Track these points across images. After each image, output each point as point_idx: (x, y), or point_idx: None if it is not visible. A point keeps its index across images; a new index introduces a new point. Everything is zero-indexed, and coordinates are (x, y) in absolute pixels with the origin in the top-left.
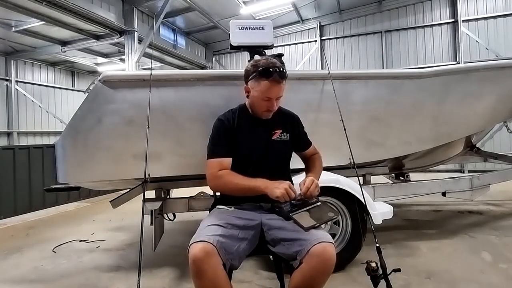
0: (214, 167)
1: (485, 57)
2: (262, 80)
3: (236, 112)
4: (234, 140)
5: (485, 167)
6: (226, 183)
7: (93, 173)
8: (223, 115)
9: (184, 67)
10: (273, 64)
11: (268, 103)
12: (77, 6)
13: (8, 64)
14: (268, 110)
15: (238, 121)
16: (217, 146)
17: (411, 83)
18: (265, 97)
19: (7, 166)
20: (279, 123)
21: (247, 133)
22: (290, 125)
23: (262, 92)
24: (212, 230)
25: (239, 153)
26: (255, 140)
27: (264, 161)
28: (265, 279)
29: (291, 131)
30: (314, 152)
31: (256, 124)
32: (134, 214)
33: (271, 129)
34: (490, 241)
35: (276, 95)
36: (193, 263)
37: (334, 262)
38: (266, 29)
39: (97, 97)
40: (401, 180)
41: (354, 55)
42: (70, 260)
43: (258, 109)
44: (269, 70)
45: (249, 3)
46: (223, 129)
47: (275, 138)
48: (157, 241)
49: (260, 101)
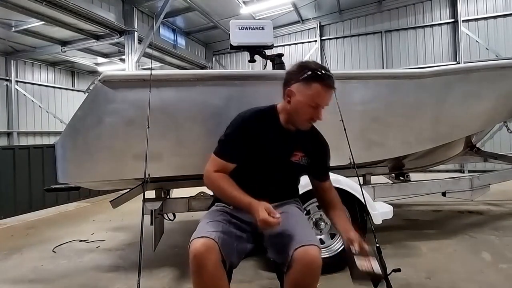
0: (214, 166)
1: (485, 57)
2: (314, 83)
3: (265, 114)
4: (249, 146)
5: (485, 167)
6: (217, 187)
7: (93, 173)
8: (248, 114)
9: (184, 67)
10: (324, 67)
11: (315, 111)
12: (77, 6)
13: (8, 64)
14: (311, 119)
15: (263, 125)
16: (227, 146)
17: (411, 83)
18: (314, 103)
19: (7, 166)
20: (305, 144)
21: (267, 144)
22: (316, 151)
23: (311, 97)
24: (213, 226)
25: (251, 161)
26: (273, 155)
27: (275, 178)
28: (265, 279)
29: (314, 158)
30: (331, 187)
31: (281, 136)
32: (134, 214)
33: (294, 148)
34: (490, 241)
35: (326, 102)
36: (194, 258)
37: (319, 264)
38: (266, 29)
39: (97, 97)
40: (401, 180)
41: (354, 55)
42: (70, 260)
43: (300, 117)
44: (323, 73)
45: (249, 3)
46: (241, 129)
47: (294, 160)
48: (157, 241)
49: (306, 108)
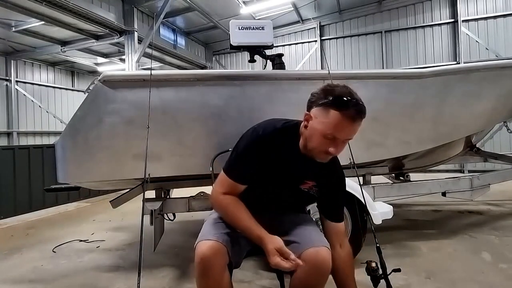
0: (222, 187)
1: (485, 57)
2: (333, 110)
3: (286, 135)
4: (263, 167)
5: (485, 167)
6: (225, 213)
7: (93, 173)
8: (265, 131)
9: (184, 67)
10: (352, 94)
11: (331, 143)
12: (77, 6)
13: (8, 64)
14: (327, 153)
15: (280, 144)
16: (239, 165)
17: (411, 83)
18: (330, 133)
19: (7, 166)
20: (319, 174)
21: (279, 166)
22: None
23: (327, 125)
24: (220, 228)
25: (259, 180)
26: (282, 179)
27: (279, 203)
28: (265, 279)
29: (327, 190)
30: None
31: (295, 160)
32: (134, 214)
33: (305, 176)
34: (490, 241)
35: (345, 135)
36: (200, 261)
37: (329, 266)
38: (266, 29)
39: (97, 97)
40: (401, 180)
41: (354, 55)
42: (70, 260)
43: (314, 147)
44: (345, 100)
45: (249, 3)
46: (257, 148)
47: (303, 188)
48: (157, 241)
49: (320, 138)
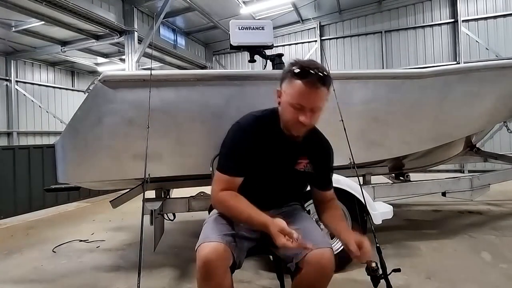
0: (220, 184)
1: (485, 57)
2: (296, 80)
3: (265, 121)
4: (252, 156)
5: (485, 167)
6: (228, 209)
7: (93, 173)
8: (246, 121)
9: (184, 67)
10: (315, 65)
11: (299, 113)
12: (77, 6)
13: (8, 64)
14: (299, 123)
15: (264, 134)
16: (230, 160)
17: (411, 83)
18: (296, 103)
19: (7, 166)
20: (309, 150)
21: (269, 153)
22: (320, 157)
23: (292, 96)
24: (223, 228)
25: (252, 171)
26: (276, 164)
27: (279, 189)
28: (265, 279)
29: (318, 164)
30: (332, 197)
31: (283, 143)
32: (134, 214)
33: (297, 155)
34: (490, 241)
35: (310, 103)
36: (203, 265)
37: (333, 268)
38: (266, 29)
39: (97, 97)
40: (401, 180)
41: (354, 55)
42: (70, 260)
43: (288, 120)
44: (306, 70)
45: (249, 3)
46: (242, 140)
47: (299, 169)
48: (157, 241)
49: (289, 109)
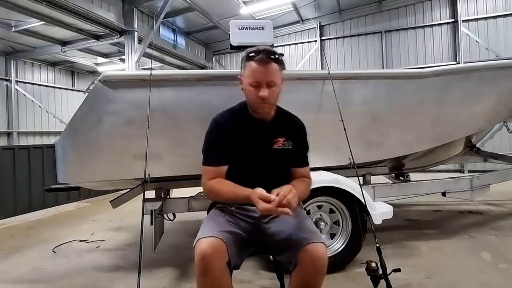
0: (207, 175)
1: (485, 57)
2: (248, 62)
3: (236, 111)
4: (231, 145)
5: (485, 167)
6: (217, 193)
7: (93, 173)
8: (220, 116)
9: (184, 67)
10: (264, 47)
11: (258, 90)
12: (77, 6)
13: (8, 64)
14: (261, 100)
15: (237, 122)
16: (211, 152)
17: (411, 83)
18: (253, 81)
19: (7, 166)
20: (283, 129)
21: (245, 138)
22: (295, 133)
23: (249, 76)
24: (219, 225)
25: (236, 159)
26: (254, 147)
27: (264, 170)
28: (265, 279)
29: (294, 140)
30: (305, 174)
31: (256, 127)
32: (134, 214)
33: (273, 136)
34: (490, 241)
35: (264, 78)
36: (201, 259)
37: (326, 261)
38: (266, 29)
39: (97, 97)
40: (401, 180)
41: (354, 55)
42: (70, 260)
43: (251, 101)
44: (255, 51)
45: (249, 3)
46: (218, 132)
47: (276, 147)
48: (157, 241)
49: (249, 89)
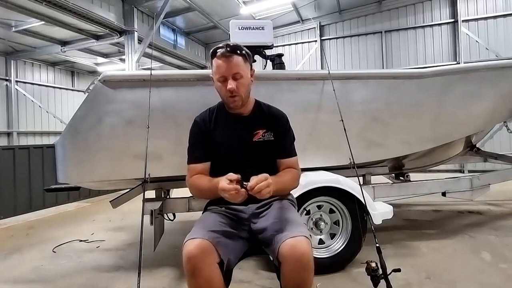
0: (190, 173)
1: (485, 57)
2: (214, 59)
3: (214, 110)
4: (211, 142)
5: (485, 167)
6: (197, 188)
7: (93, 173)
8: (199, 116)
9: (184, 67)
10: (226, 43)
11: (226, 84)
12: (77, 6)
13: (8, 64)
14: (231, 94)
15: (215, 120)
16: (191, 151)
17: (411, 83)
18: (220, 76)
19: (7, 166)
20: (262, 121)
21: (224, 133)
22: (275, 124)
23: (216, 72)
24: (208, 226)
25: (218, 155)
26: (233, 141)
27: (247, 164)
28: (265, 279)
29: (275, 131)
30: (292, 165)
31: (234, 122)
32: (134, 214)
33: (253, 129)
34: (490, 241)
35: (229, 71)
36: (188, 260)
37: (310, 255)
38: (266, 29)
39: (97, 97)
40: (401, 180)
41: (354, 55)
42: (70, 260)
43: (222, 96)
44: (217, 47)
45: (249, 3)
46: (198, 131)
47: (257, 139)
48: (157, 241)
49: (219, 85)
